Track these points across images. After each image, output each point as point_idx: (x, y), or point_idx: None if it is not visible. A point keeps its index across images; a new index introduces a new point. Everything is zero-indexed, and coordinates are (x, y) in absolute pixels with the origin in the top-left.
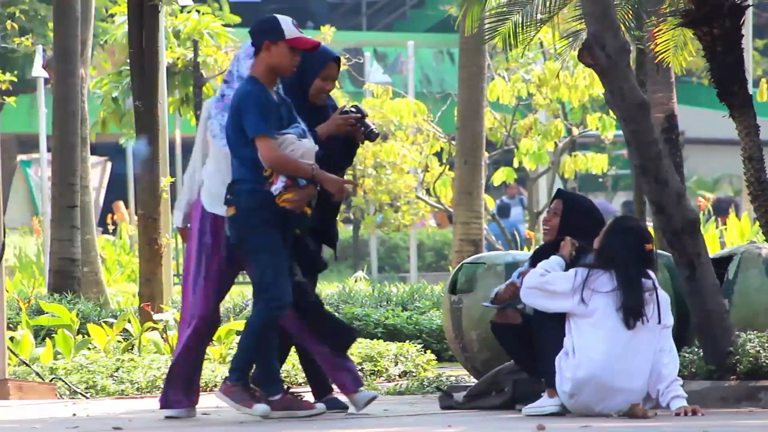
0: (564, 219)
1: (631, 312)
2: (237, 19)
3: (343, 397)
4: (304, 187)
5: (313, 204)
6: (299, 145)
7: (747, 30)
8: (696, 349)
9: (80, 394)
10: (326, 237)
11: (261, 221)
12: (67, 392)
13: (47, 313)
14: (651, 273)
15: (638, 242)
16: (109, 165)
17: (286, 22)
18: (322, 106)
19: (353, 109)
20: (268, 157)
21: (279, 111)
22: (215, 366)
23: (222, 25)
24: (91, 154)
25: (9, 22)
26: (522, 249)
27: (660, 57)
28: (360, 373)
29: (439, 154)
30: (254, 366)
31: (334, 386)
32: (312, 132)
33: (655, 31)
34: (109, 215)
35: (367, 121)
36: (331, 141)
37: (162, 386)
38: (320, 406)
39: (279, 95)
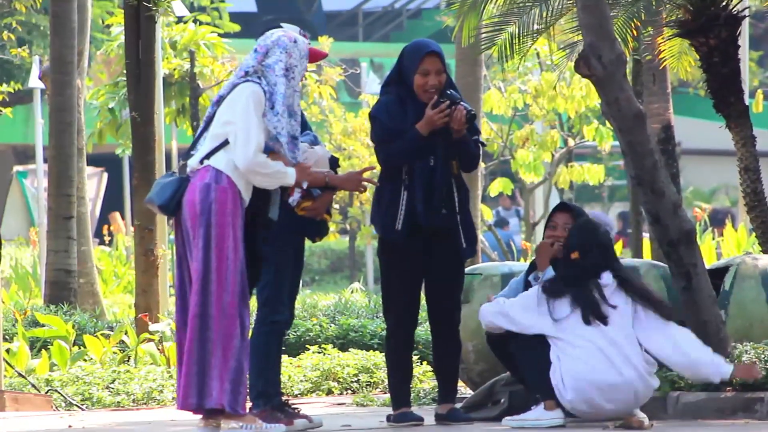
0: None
1: (589, 312)
2: (237, 27)
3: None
4: (321, 195)
5: (330, 211)
6: (312, 153)
7: (743, 41)
8: None
9: (76, 405)
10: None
11: (275, 232)
12: (63, 404)
13: (43, 324)
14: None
15: (595, 238)
16: (105, 176)
17: (294, 32)
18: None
19: (442, 100)
20: None
21: None
22: None
23: (220, 35)
24: (88, 164)
25: (6, 33)
26: (518, 260)
27: (665, 63)
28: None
29: None
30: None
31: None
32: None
33: (659, 38)
34: (106, 226)
35: (462, 103)
36: (436, 136)
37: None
38: (300, 422)
39: None
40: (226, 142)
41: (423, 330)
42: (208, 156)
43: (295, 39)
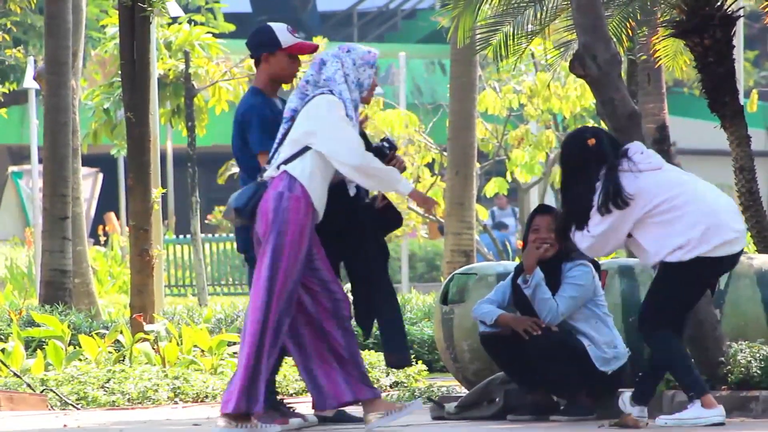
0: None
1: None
2: (231, 27)
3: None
4: None
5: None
6: None
7: (738, 41)
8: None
9: (71, 405)
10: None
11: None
12: (58, 403)
13: (38, 324)
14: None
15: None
16: (100, 176)
17: (281, 31)
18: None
19: (386, 144)
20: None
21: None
22: (206, 377)
23: (215, 35)
24: (83, 165)
25: (1, 33)
26: (513, 259)
27: (659, 63)
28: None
29: (430, 165)
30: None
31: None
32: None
33: (653, 38)
34: (101, 226)
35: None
36: None
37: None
38: (295, 421)
39: (283, 102)
40: (304, 150)
41: (418, 329)
42: (286, 162)
43: (349, 48)
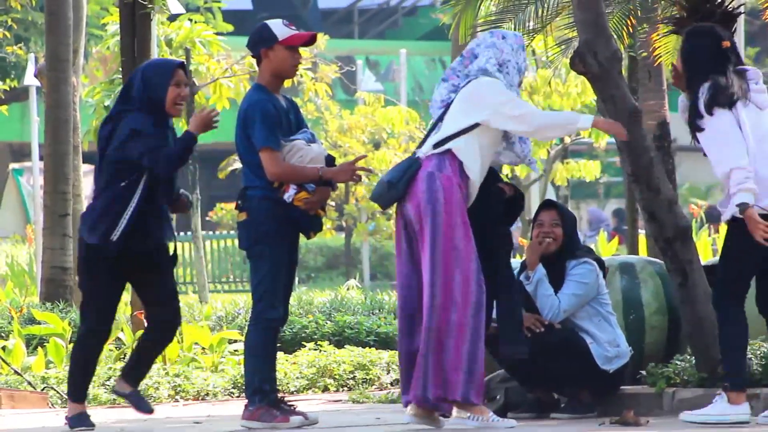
0: (564, 228)
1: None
2: (230, 27)
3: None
4: (316, 190)
5: (325, 207)
6: (308, 151)
7: (739, 38)
8: (688, 357)
9: None
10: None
11: (271, 229)
12: (59, 401)
13: (39, 321)
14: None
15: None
16: None
17: (276, 25)
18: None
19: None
20: (272, 171)
21: (287, 116)
22: (207, 375)
23: (215, 33)
24: (84, 162)
25: (2, 30)
26: (515, 256)
27: (660, 60)
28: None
29: None
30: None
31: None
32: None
33: (654, 35)
34: None
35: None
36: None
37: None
38: (296, 419)
39: (286, 99)
40: (471, 128)
41: None
42: (446, 140)
43: (503, 35)
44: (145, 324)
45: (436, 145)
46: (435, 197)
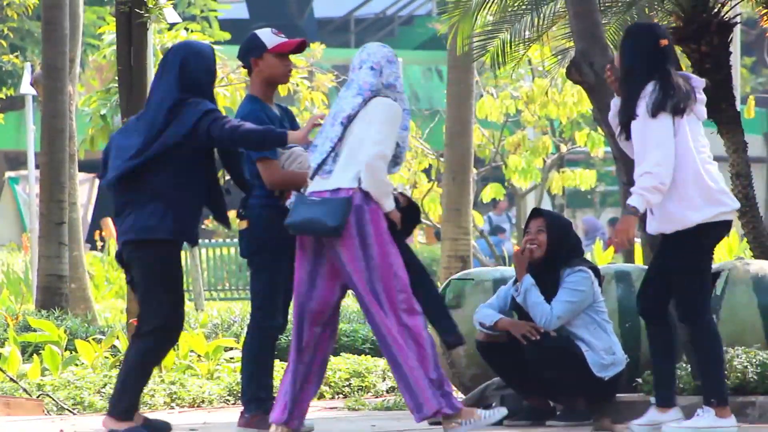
0: (550, 234)
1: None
2: (226, 36)
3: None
4: None
5: None
6: (307, 157)
7: (735, 47)
8: (684, 365)
9: (68, 410)
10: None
11: (272, 238)
12: (55, 408)
13: (35, 329)
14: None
15: None
16: (97, 182)
17: (264, 34)
18: None
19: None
20: (269, 180)
21: (281, 125)
22: (203, 382)
23: (211, 42)
24: (80, 171)
25: None
26: (510, 265)
27: None
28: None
29: (427, 171)
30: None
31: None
32: None
33: None
34: (97, 232)
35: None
36: None
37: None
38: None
39: (280, 107)
40: None
41: None
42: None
43: (392, 52)
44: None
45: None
46: (364, 230)
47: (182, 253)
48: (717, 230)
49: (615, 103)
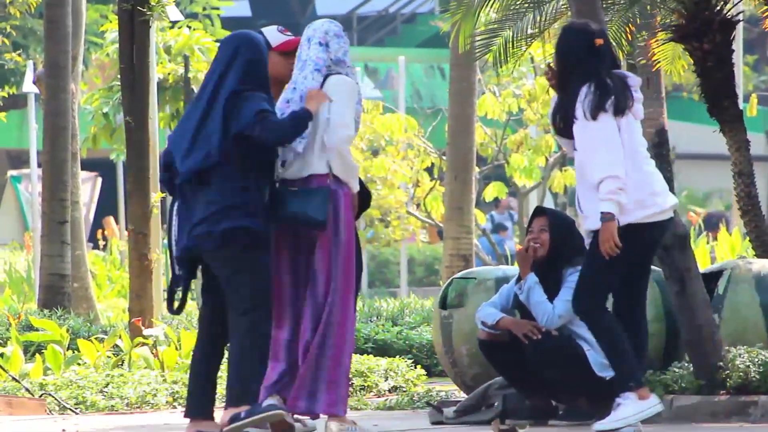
0: (552, 233)
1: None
2: (228, 34)
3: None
4: None
5: None
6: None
7: (737, 45)
8: (686, 364)
9: (70, 409)
10: None
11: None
12: (57, 408)
13: (37, 328)
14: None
15: None
16: (99, 180)
17: (270, 32)
18: None
19: None
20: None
21: None
22: None
23: (214, 40)
24: (82, 169)
25: (1, 37)
26: (512, 264)
27: (658, 66)
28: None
29: (429, 170)
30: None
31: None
32: None
33: (653, 42)
34: (100, 231)
35: None
36: None
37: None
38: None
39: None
40: None
41: (416, 334)
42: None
43: (339, 27)
44: (143, 330)
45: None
46: (337, 215)
47: None
48: (649, 231)
49: (554, 100)
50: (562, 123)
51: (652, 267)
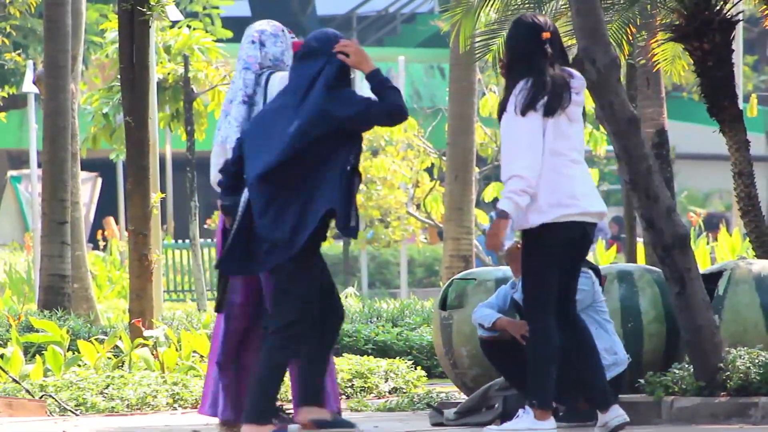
0: None
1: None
2: (229, 34)
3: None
4: None
5: None
6: None
7: (737, 45)
8: (686, 365)
9: (70, 411)
10: None
11: None
12: (57, 409)
13: (37, 329)
14: None
15: None
16: (99, 181)
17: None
18: None
19: None
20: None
21: None
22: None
23: (213, 40)
24: (82, 169)
25: (0, 37)
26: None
27: (658, 67)
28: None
29: (429, 170)
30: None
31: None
32: None
33: (653, 42)
34: (100, 231)
35: None
36: None
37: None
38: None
39: None
40: None
41: (417, 335)
42: None
43: (279, 27)
44: (143, 331)
45: None
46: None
47: (185, 253)
48: (564, 232)
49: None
50: (498, 116)
51: (652, 267)
